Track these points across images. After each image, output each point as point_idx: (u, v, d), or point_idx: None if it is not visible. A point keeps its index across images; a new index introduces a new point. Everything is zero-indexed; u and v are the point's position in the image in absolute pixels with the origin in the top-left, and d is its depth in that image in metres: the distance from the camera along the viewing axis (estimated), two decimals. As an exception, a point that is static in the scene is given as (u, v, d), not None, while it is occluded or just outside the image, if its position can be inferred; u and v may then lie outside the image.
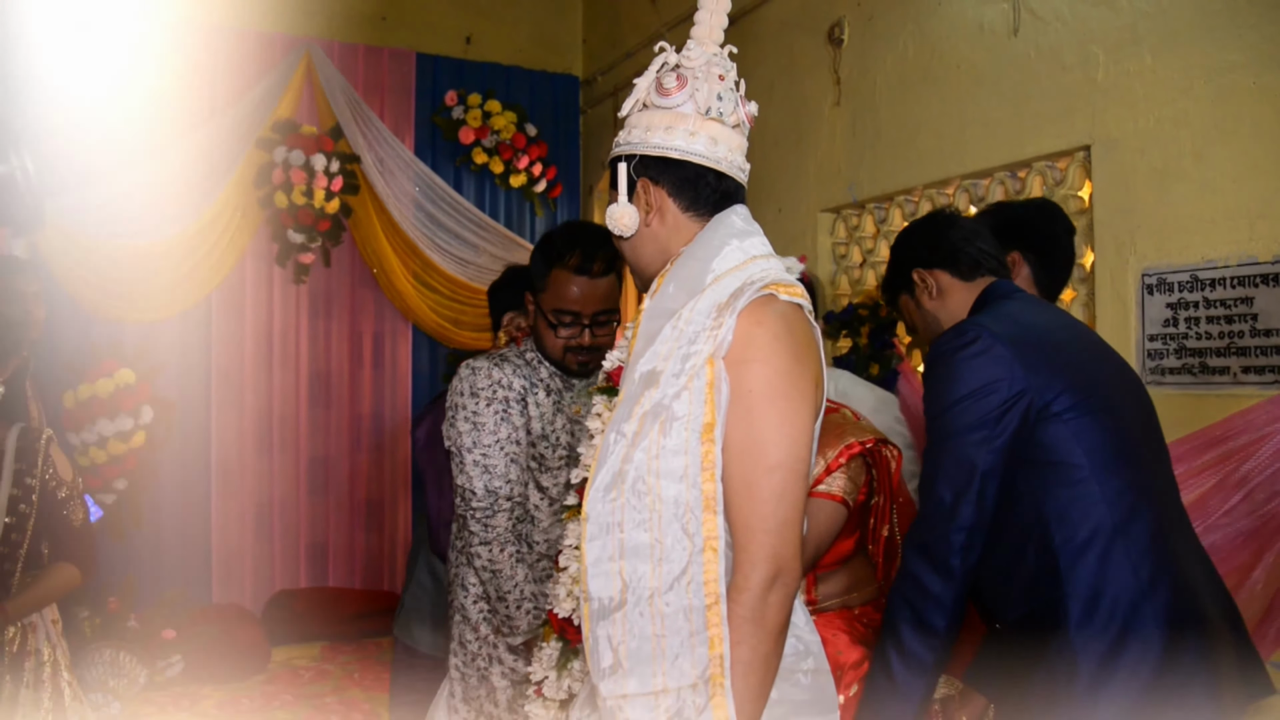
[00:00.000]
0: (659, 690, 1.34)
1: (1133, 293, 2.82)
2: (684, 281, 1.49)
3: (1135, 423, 1.81)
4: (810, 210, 4.18)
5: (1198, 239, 2.65)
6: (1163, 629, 1.62)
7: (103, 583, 4.80)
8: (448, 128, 5.86)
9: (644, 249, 1.60)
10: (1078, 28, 2.98)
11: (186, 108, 5.17)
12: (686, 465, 1.38)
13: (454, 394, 2.26)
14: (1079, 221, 3.05)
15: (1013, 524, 1.72)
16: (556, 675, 1.61)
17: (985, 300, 1.92)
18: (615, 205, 1.58)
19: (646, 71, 1.59)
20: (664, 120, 1.55)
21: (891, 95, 3.75)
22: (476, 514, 2.18)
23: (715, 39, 1.59)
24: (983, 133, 3.33)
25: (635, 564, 1.37)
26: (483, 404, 2.21)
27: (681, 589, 1.36)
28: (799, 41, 4.25)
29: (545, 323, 2.23)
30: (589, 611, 1.38)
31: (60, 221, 4.75)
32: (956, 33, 3.44)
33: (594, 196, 6.24)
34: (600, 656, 1.37)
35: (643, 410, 1.40)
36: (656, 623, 1.35)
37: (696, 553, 1.36)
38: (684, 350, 1.41)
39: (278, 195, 5.27)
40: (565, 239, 2.22)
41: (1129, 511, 1.67)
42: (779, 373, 1.41)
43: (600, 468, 1.41)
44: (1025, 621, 1.71)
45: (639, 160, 1.56)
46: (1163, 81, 2.74)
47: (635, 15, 5.64)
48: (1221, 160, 2.60)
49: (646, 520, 1.38)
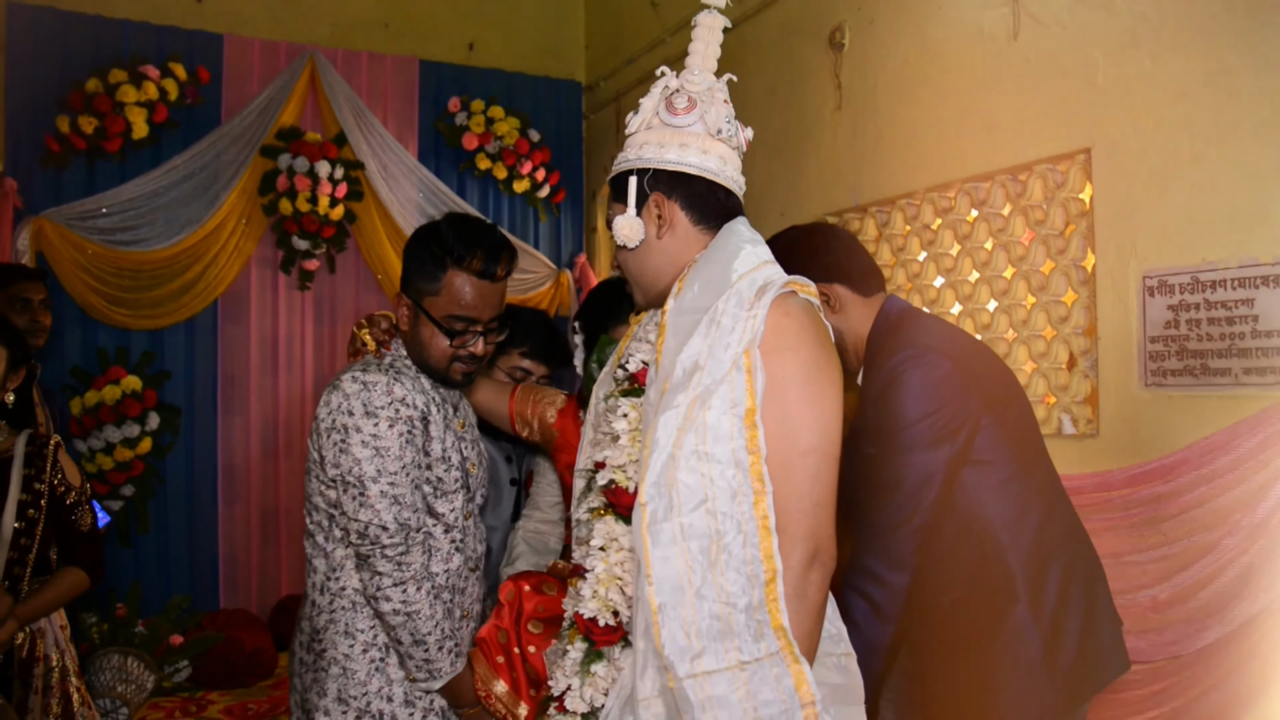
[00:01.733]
0: (734, 665, 1.41)
1: (1134, 295, 2.83)
2: (709, 282, 1.57)
3: (1030, 424, 2.06)
4: (812, 214, 4.19)
5: (1198, 241, 2.66)
6: (1081, 601, 1.92)
7: (110, 588, 4.83)
8: (451, 134, 5.88)
9: (650, 260, 1.68)
10: (1077, 31, 3.00)
11: (191, 115, 5.21)
12: (734, 450, 1.45)
13: (338, 413, 1.95)
14: (1080, 224, 3.06)
15: (955, 515, 1.91)
16: (580, 683, 1.63)
17: (894, 317, 2.05)
18: (622, 217, 1.66)
19: (651, 92, 1.69)
20: (677, 138, 1.64)
21: (892, 99, 3.76)
22: (388, 552, 1.92)
23: (710, 67, 1.69)
24: (983, 136, 3.34)
25: (695, 547, 1.43)
26: (384, 425, 1.94)
27: (741, 567, 1.42)
28: (800, 46, 4.27)
29: (435, 329, 2.01)
30: (654, 597, 1.43)
31: (67, 230, 4.79)
32: (956, 37, 3.45)
33: (596, 202, 6.26)
34: (673, 637, 1.42)
35: (689, 400, 1.47)
36: (722, 601, 1.42)
37: (751, 533, 1.43)
38: (723, 341, 1.49)
39: (282, 202, 5.30)
40: (463, 237, 2.01)
41: (1038, 498, 1.94)
42: (809, 360, 1.50)
43: (653, 458, 1.46)
44: (971, 598, 1.91)
45: (652, 175, 1.64)
46: (1162, 84, 2.75)
47: (637, 21, 5.66)
48: (1221, 162, 2.61)
49: (702, 504, 1.44)
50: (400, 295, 2.07)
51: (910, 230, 3.81)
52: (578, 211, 6.30)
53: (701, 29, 1.71)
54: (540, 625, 2.23)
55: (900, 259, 3.84)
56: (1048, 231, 3.19)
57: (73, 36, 4.97)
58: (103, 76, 4.95)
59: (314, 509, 2.05)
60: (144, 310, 5.07)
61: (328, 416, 1.98)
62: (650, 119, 1.67)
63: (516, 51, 6.19)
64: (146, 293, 5.06)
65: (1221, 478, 2.48)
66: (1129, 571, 2.66)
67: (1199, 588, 2.49)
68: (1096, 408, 2.97)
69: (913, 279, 3.78)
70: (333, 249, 5.51)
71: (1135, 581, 2.65)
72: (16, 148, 4.85)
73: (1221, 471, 2.48)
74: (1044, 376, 3.21)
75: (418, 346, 2.05)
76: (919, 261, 3.77)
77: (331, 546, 2.02)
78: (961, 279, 3.55)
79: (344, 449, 1.94)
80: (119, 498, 4.95)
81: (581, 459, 1.89)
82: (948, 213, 3.61)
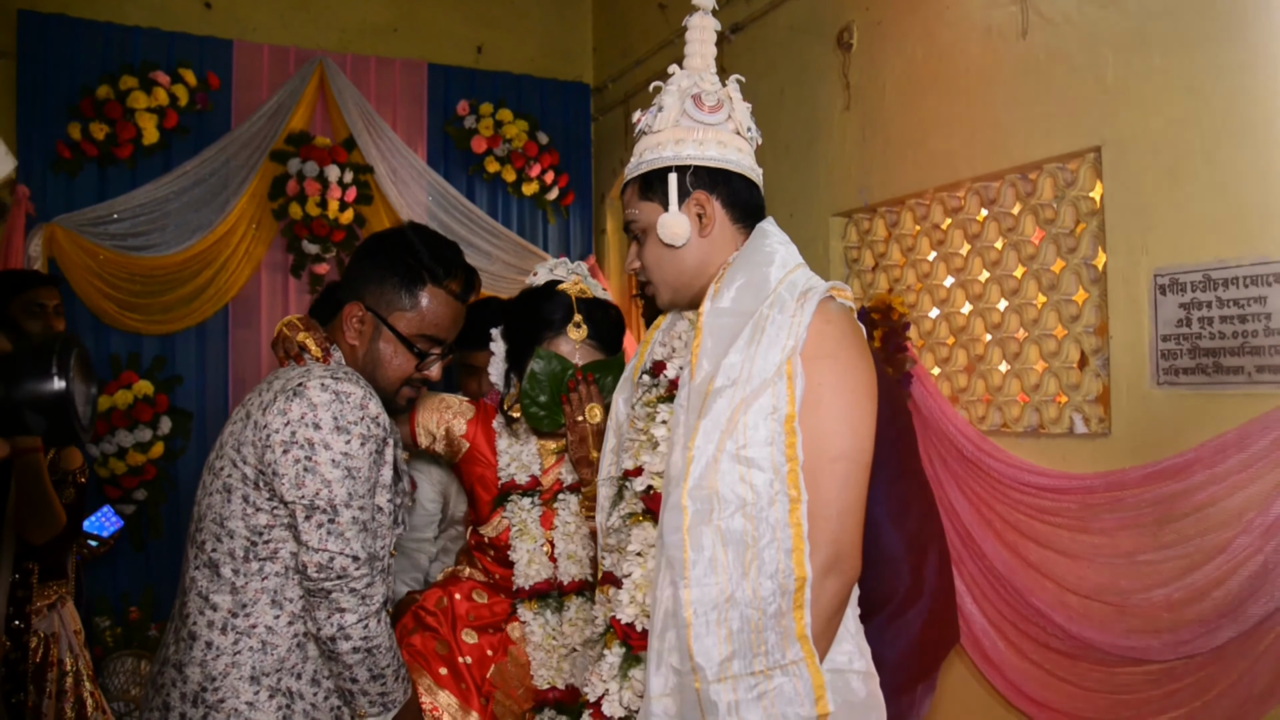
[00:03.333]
0: (760, 670, 1.42)
1: (1145, 293, 2.81)
2: (748, 285, 1.58)
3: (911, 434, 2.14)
4: (821, 214, 4.18)
5: (1210, 239, 2.65)
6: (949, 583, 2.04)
7: (123, 592, 4.85)
8: (460, 137, 5.89)
9: (689, 259, 1.67)
10: (1086, 29, 2.98)
11: (202, 120, 5.23)
12: (773, 455, 1.46)
13: (302, 426, 1.70)
14: (1091, 223, 3.05)
15: None
16: (618, 687, 1.63)
17: None
18: (668, 215, 1.64)
19: (668, 89, 1.68)
20: (714, 135, 1.65)
21: (901, 99, 3.75)
22: (355, 585, 1.72)
23: (709, 66, 1.71)
24: (993, 135, 3.33)
25: (732, 552, 1.44)
26: (355, 443, 1.72)
27: (773, 574, 1.43)
28: (808, 47, 4.26)
29: (400, 347, 1.89)
30: (689, 599, 1.44)
31: (78, 236, 4.81)
32: (965, 36, 3.44)
33: (605, 204, 6.26)
34: (703, 640, 1.43)
35: (732, 406, 1.48)
36: (754, 606, 1.43)
37: (784, 540, 1.44)
38: (768, 347, 1.49)
39: (292, 206, 5.31)
40: (440, 257, 1.93)
41: (915, 498, 2.00)
42: (848, 368, 1.51)
43: (694, 463, 1.47)
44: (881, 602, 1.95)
45: (693, 172, 1.64)
46: (1173, 82, 2.74)
47: (645, 23, 5.66)
48: (1232, 160, 2.59)
49: (740, 509, 1.45)
50: (355, 305, 1.89)
51: (920, 230, 3.80)
52: (586, 214, 6.30)
53: (694, 30, 1.71)
54: (475, 634, 2.22)
55: (910, 259, 3.83)
56: (1058, 230, 3.17)
57: (84, 43, 5.00)
58: (113, 83, 4.97)
59: (225, 535, 1.74)
60: (155, 315, 5.09)
61: (285, 428, 1.70)
62: (678, 116, 1.66)
63: (524, 54, 6.19)
64: (158, 298, 5.08)
65: (1234, 476, 2.46)
66: (1141, 571, 2.65)
67: (1212, 587, 2.48)
68: (1108, 407, 2.96)
69: (923, 279, 3.77)
70: (343, 253, 5.52)
71: (1148, 581, 2.64)
72: (28, 154, 4.87)
73: (1234, 470, 2.46)
74: (1055, 375, 3.19)
75: (370, 363, 1.89)
76: (929, 261, 3.76)
77: (244, 580, 1.74)
78: (972, 278, 3.54)
79: (310, 468, 1.69)
80: (132, 502, 4.97)
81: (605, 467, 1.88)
82: (957, 212, 3.60)
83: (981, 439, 3.19)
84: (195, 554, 1.77)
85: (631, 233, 1.74)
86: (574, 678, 2.14)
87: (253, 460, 1.72)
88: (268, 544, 1.73)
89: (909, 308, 3.71)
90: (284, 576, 1.75)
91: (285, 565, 1.74)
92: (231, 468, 1.74)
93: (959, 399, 3.53)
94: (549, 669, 2.15)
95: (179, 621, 1.78)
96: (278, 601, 1.74)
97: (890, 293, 3.84)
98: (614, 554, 1.72)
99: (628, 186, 1.73)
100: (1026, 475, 2.99)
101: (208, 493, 1.79)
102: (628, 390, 1.87)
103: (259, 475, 1.71)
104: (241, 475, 1.73)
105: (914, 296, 3.77)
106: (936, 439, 3.33)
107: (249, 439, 1.73)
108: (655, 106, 1.69)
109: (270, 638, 1.74)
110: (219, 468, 1.77)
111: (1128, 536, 2.70)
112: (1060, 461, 3.03)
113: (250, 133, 5.29)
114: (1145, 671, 2.67)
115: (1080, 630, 2.79)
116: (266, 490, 1.72)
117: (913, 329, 3.68)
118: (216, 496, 1.75)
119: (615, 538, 1.73)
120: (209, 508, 1.77)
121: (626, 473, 1.73)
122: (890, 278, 3.94)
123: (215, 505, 1.75)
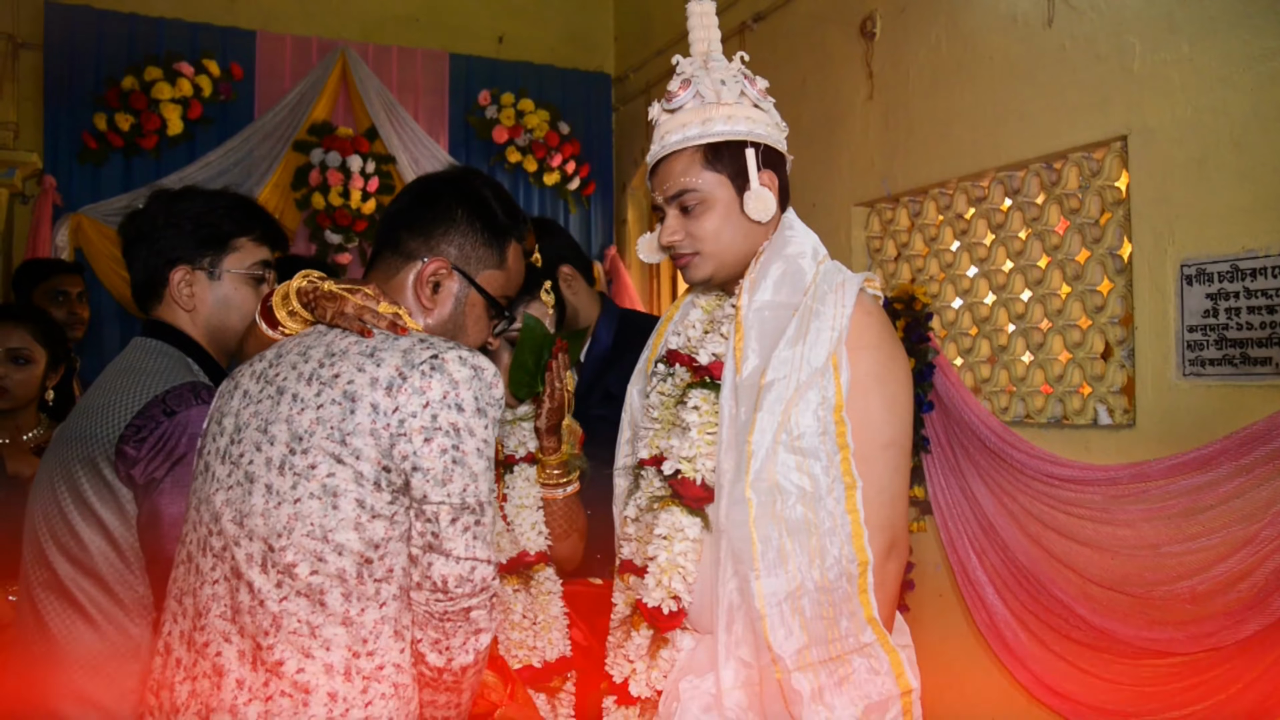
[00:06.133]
0: (838, 656, 1.46)
1: (1171, 283, 2.79)
2: (785, 278, 1.60)
3: None
4: (844, 204, 4.17)
5: (1237, 228, 2.62)
6: None
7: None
8: (481, 127, 5.90)
9: (742, 237, 1.66)
10: (1113, 17, 2.95)
11: (225, 111, 5.26)
12: (826, 445, 1.50)
13: (446, 408, 1.36)
14: (1116, 212, 3.02)
15: None
16: (644, 667, 1.64)
17: None
18: (759, 189, 1.62)
19: (728, 65, 1.67)
20: (766, 117, 1.67)
21: (925, 88, 3.73)
22: (487, 598, 1.41)
23: (715, 50, 1.70)
24: (1018, 124, 3.30)
25: (799, 539, 1.48)
26: (492, 430, 1.43)
27: (838, 561, 1.47)
28: (831, 35, 4.24)
29: (486, 310, 1.62)
30: (763, 590, 1.47)
31: (104, 225, 4.85)
32: (990, 24, 3.41)
33: (627, 194, 6.25)
34: (781, 627, 1.46)
35: (786, 397, 1.50)
36: (824, 593, 1.46)
37: (844, 526, 1.48)
38: (816, 339, 1.52)
39: (315, 196, 5.34)
40: (512, 209, 1.65)
41: None
42: (889, 357, 1.56)
43: (755, 455, 1.50)
44: None
45: (764, 150, 1.64)
46: (1200, 70, 2.71)
47: (666, 12, 5.65)
48: (1261, 148, 2.56)
49: (800, 498, 1.49)
50: (439, 261, 1.55)
51: (944, 220, 3.78)
52: (608, 203, 6.30)
53: (694, 18, 1.70)
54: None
55: (934, 249, 3.81)
56: (1083, 220, 3.15)
57: (109, 35, 5.04)
58: (138, 74, 5.01)
59: (331, 551, 1.35)
60: (180, 304, 5.13)
61: (425, 410, 1.35)
62: (739, 94, 1.65)
63: (546, 44, 6.19)
64: (182, 287, 5.11)
65: (1261, 468, 2.44)
66: (1166, 563, 2.64)
67: (1238, 579, 2.46)
68: (1133, 398, 2.93)
69: (946, 269, 3.75)
70: (365, 243, 5.55)
71: (1173, 573, 2.62)
72: (55, 145, 4.93)
73: (1260, 462, 2.44)
74: (1080, 366, 3.17)
75: (450, 330, 1.57)
76: (952, 251, 3.74)
77: (360, 607, 1.36)
78: (996, 268, 3.52)
79: (459, 460, 1.37)
80: (157, 490, 5.01)
81: (622, 456, 1.87)
82: (981, 201, 3.58)
83: (1004, 430, 3.17)
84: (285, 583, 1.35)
85: (681, 204, 1.65)
86: None
87: (373, 454, 1.35)
88: (383, 560, 1.37)
89: (932, 298, 3.69)
90: (400, 600, 1.39)
91: (400, 586, 1.39)
92: (333, 464, 1.35)
93: (982, 389, 3.51)
94: (524, 650, 2.05)
95: (198, 653, 1.39)
96: (399, 633, 1.39)
97: (913, 283, 3.83)
98: (633, 543, 1.72)
99: (681, 155, 1.64)
100: (1050, 466, 2.97)
101: (220, 487, 1.43)
102: (641, 381, 1.87)
103: (381, 473, 1.35)
104: (354, 474, 1.35)
105: (937, 286, 3.75)
106: (959, 430, 3.32)
107: (364, 426, 1.35)
108: (713, 79, 1.64)
109: (400, 678, 1.39)
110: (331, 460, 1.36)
111: (1152, 528, 2.68)
112: (1084, 453, 3.01)
113: (273, 123, 5.32)
114: (1169, 664, 2.65)
115: (1103, 622, 2.78)
116: (389, 492, 1.36)
117: (935, 319, 3.66)
118: (314, 503, 1.34)
119: (635, 526, 1.72)
120: (303, 516, 1.35)
121: (643, 461, 1.72)
122: (913, 268, 3.92)
123: (308, 513, 1.34)
